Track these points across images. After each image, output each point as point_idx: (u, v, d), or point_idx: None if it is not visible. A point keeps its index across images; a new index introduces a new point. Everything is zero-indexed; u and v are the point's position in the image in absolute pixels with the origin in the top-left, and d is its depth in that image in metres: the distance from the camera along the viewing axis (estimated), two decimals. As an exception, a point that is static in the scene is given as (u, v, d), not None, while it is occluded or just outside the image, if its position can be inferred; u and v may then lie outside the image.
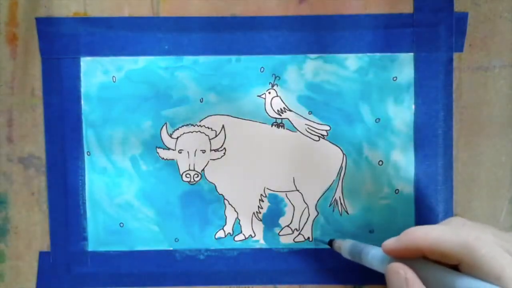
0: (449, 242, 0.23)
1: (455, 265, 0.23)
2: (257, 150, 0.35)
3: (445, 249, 0.23)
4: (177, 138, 0.35)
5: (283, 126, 0.34)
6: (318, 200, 0.35)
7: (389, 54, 0.33)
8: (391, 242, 0.26)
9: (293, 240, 0.35)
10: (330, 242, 0.33)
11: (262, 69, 0.34)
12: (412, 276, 0.24)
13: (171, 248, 0.35)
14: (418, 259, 0.25)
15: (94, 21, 0.34)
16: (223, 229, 0.35)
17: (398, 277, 0.24)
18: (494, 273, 0.22)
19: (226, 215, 0.35)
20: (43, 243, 0.35)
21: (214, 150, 0.35)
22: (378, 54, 0.33)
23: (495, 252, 0.22)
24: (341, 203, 0.34)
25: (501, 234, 0.25)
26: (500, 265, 0.22)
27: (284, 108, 0.34)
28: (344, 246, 0.31)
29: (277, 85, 0.34)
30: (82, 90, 0.34)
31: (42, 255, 0.35)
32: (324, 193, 0.35)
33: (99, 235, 0.35)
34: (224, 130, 0.34)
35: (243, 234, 0.35)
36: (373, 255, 0.28)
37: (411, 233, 0.25)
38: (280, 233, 0.35)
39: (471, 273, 0.23)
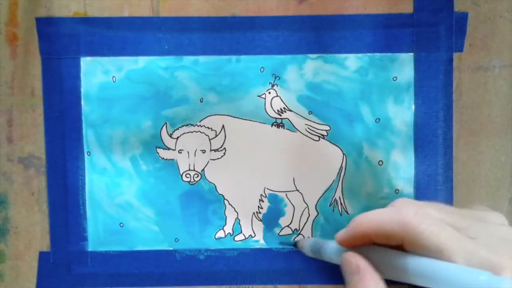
0: (389, 222, 0.23)
1: (402, 246, 0.23)
2: (257, 150, 0.35)
3: (386, 230, 0.23)
4: (177, 138, 0.35)
5: (283, 126, 0.34)
6: (318, 200, 0.35)
7: (389, 54, 0.33)
8: (341, 233, 0.26)
9: (293, 240, 0.35)
10: (295, 243, 0.33)
11: (262, 69, 0.34)
12: (363, 263, 0.24)
13: (171, 248, 0.35)
14: (369, 246, 0.25)
15: (94, 21, 0.34)
16: (223, 229, 0.35)
17: (350, 266, 0.24)
18: (434, 247, 0.21)
19: (226, 215, 0.35)
20: (43, 243, 0.35)
21: (214, 150, 0.35)
22: (378, 54, 0.33)
23: (434, 226, 0.22)
24: (341, 203, 0.34)
25: (445, 208, 0.24)
26: (439, 239, 0.21)
27: (284, 108, 0.34)
28: (306, 244, 0.31)
29: (277, 85, 0.34)
30: (82, 90, 0.34)
31: (42, 255, 0.35)
32: (324, 193, 0.35)
33: (99, 235, 0.35)
34: (224, 130, 0.35)
35: (243, 234, 0.35)
36: (330, 249, 0.28)
37: (356, 220, 0.25)
38: (280, 233, 0.35)
39: (415, 251, 0.22)
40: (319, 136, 0.34)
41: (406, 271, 0.22)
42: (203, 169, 0.35)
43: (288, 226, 0.35)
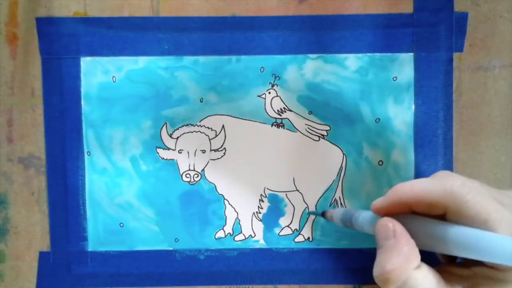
0: (434, 191, 0.23)
1: (442, 216, 0.23)
2: (257, 150, 0.35)
3: (430, 199, 0.23)
4: (177, 138, 0.35)
5: (283, 126, 0.34)
6: (318, 200, 0.35)
7: (389, 54, 0.33)
8: (378, 201, 0.25)
9: (293, 240, 0.35)
10: (323, 214, 0.33)
11: (262, 69, 0.34)
12: (400, 228, 0.24)
13: (171, 248, 0.35)
14: (407, 214, 0.25)
15: (94, 21, 0.34)
16: (223, 229, 0.35)
17: (386, 229, 0.24)
18: (480, 217, 0.21)
19: (226, 215, 0.35)
20: (43, 243, 0.35)
21: (214, 150, 0.35)
22: (378, 54, 0.33)
23: (480, 197, 0.22)
24: (341, 203, 0.34)
25: (487, 186, 0.24)
26: (485, 209, 0.21)
27: (284, 108, 0.34)
28: (336, 214, 0.31)
29: (277, 85, 0.34)
30: (82, 90, 0.34)
31: (42, 255, 0.35)
32: (324, 193, 0.35)
33: (99, 235, 0.35)
34: (224, 130, 0.35)
35: (243, 234, 0.35)
36: (363, 218, 0.27)
37: (396, 188, 0.24)
38: (280, 233, 0.35)
39: (458, 220, 0.22)
40: (319, 136, 0.34)
41: (447, 240, 0.22)
42: (203, 169, 0.35)
43: (288, 226, 0.35)
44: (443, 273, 0.24)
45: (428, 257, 0.25)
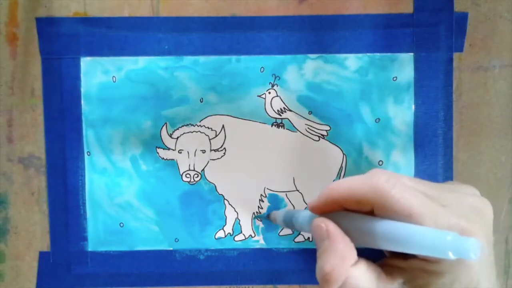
0: (361, 188, 0.23)
1: (373, 212, 0.23)
2: (257, 150, 0.35)
3: (357, 195, 0.23)
4: (177, 138, 0.35)
5: (283, 126, 0.34)
6: (318, 200, 0.35)
7: (389, 54, 0.33)
8: (313, 200, 0.25)
9: (293, 240, 0.35)
10: (268, 216, 0.33)
11: (262, 69, 0.34)
12: (333, 227, 0.24)
13: (171, 248, 0.35)
14: (340, 212, 0.25)
15: (94, 21, 0.34)
16: (223, 229, 0.35)
17: (320, 231, 0.24)
18: (404, 212, 0.21)
19: (226, 215, 0.35)
20: (43, 243, 0.35)
21: (214, 150, 0.35)
22: (378, 54, 0.33)
23: (404, 191, 0.22)
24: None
25: (418, 179, 0.25)
26: (409, 203, 0.22)
27: (284, 108, 0.34)
28: (279, 215, 0.31)
29: (277, 85, 0.34)
30: (82, 90, 0.34)
31: (42, 255, 0.35)
32: (324, 193, 0.35)
33: (99, 235, 0.35)
34: (224, 130, 0.35)
35: (243, 234, 0.35)
36: (302, 218, 0.27)
37: (328, 186, 0.25)
38: (280, 233, 0.35)
39: (385, 215, 0.22)
40: (319, 136, 0.34)
41: (375, 235, 0.22)
42: (203, 169, 0.35)
43: (288, 226, 0.35)
44: (384, 266, 0.24)
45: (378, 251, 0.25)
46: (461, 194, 0.24)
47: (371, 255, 0.24)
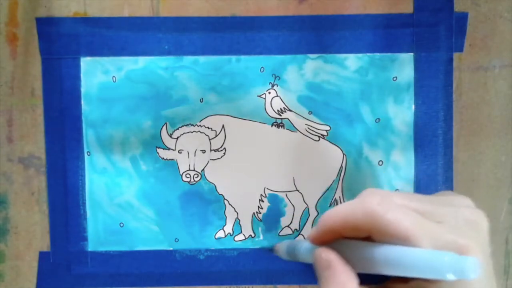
0: (354, 215, 0.23)
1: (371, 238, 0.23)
2: (257, 150, 0.35)
3: (352, 223, 0.23)
4: (177, 138, 0.35)
5: (283, 126, 0.34)
6: (318, 200, 0.35)
7: (389, 54, 0.33)
8: (312, 231, 0.25)
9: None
10: (272, 249, 0.33)
11: (262, 69, 0.34)
12: (334, 257, 0.23)
13: (171, 248, 0.35)
14: (339, 240, 0.24)
15: (94, 21, 0.34)
16: (223, 229, 0.35)
17: (321, 261, 0.24)
18: (400, 235, 0.21)
19: (226, 215, 0.35)
20: (43, 243, 0.35)
21: (214, 150, 0.35)
22: (378, 54, 0.33)
23: (398, 213, 0.22)
24: (341, 203, 0.34)
25: (411, 195, 0.24)
26: (404, 226, 0.21)
27: (284, 108, 0.34)
28: (282, 248, 0.30)
29: (277, 85, 0.34)
30: (82, 90, 0.34)
31: (42, 255, 0.35)
32: (324, 193, 0.35)
33: (99, 235, 0.35)
34: (224, 130, 0.35)
35: (243, 234, 0.35)
36: (304, 249, 0.27)
37: (324, 215, 0.24)
38: (280, 233, 0.35)
39: (382, 240, 0.22)
40: (319, 136, 0.34)
41: (374, 260, 0.22)
42: (203, 169, 0.35)
43: (288, 226, 0.35)
44: None
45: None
46: (456, 208, 0.24)
47: (374, 280, 0.24)
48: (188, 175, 0.35)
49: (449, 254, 0.19)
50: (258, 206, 0.35)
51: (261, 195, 0.35)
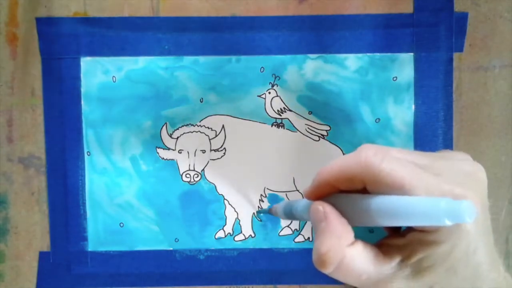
0: (350, 166, 0.23)
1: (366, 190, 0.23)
2: (257, 150, 0.35)
3: (348, 174, 0.23)
4: (177, 138, 0.35)
5: (283, 126, 0.34)
6: (318, 200, 0.35)
7: (389, 54, 0.33)
8: (308, 186, 0.25)
9: (293, 240, 0.35)
10: (270, 210, 0.33)
11: (262, 69, 0.34)
12: (329, 209, 0.23)
13: (171, 248, 0.35)
14: (335, 194, 0.24)
15: (94, 21, 0.34)
16: (223, 229, 0.35)
17: (317, 213, 0.24)
18: (395, 184, 0.21)
19: (226, 215, 0.35)
20: (43, 243, 0.35)
21: (214, 150, 0.35)
22: (378, 54, 0.33)
23: (394, 163, 0.21)
24: None
25: (408, 150, 0.24)
26: (399, 175, 0.21)
27: (284, 108, 0.34)
28: (279, 208, 0.30)
29: (277, 85, 0.34)
30: (82, 90, 0.34)
31: (42, 255, 0.35)
32: (324, 193, 0.35)
33: (99, 235, 0.35)
34: (224, 130, 0.35)
35: (243, 234, 0.35)
36: (301, 207, 0.27)
37: (320, 170, 0.24)
38: (280, 233, 0.35)
39: (378, 191, 0.22)
40: (319, 136, 0.34)
41: (370, 211, 0.22)
42: (203, 169, 0.35)
43: (288, 226, 0.35)
44: (382, 246, 0.24)
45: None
46: (453, 161, 0.24)
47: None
48: (188, 175, 0.35)
49: (445, 199, 0.19)
50: (258, 206, 0.35)
51: (261, 195, 0.35)
